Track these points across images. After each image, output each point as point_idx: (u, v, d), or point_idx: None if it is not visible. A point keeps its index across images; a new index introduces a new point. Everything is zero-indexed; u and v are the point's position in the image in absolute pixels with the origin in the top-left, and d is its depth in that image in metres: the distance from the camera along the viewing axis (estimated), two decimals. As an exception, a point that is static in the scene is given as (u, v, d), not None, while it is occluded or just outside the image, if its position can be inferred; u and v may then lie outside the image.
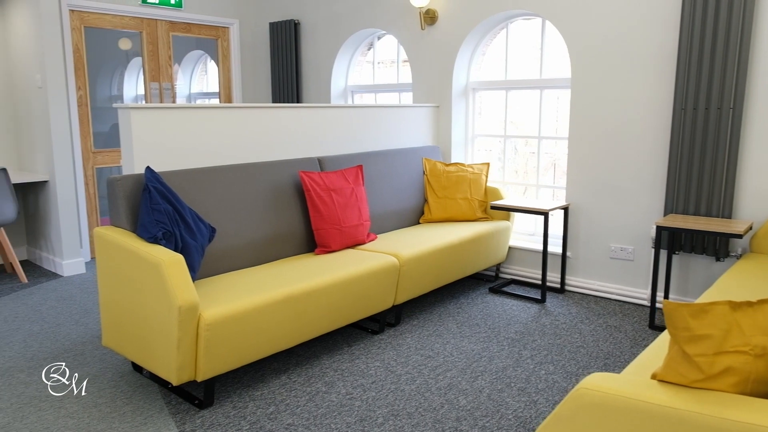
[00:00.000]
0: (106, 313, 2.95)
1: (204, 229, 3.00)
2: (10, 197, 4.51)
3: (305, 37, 5.73)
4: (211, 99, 6.32)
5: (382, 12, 5.09)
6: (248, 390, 2.92)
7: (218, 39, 6.07)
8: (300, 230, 3.63)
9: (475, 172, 4.44)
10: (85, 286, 4.58)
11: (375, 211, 4.12)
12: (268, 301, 2.82)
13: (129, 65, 5.60)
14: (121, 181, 2.87)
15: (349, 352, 3.35)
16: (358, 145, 4.30)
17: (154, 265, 2.57)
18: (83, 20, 5.11)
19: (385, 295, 3.49)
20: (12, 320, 3.85)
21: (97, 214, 5.38)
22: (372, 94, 5.59)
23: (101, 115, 5.41)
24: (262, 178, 3.49)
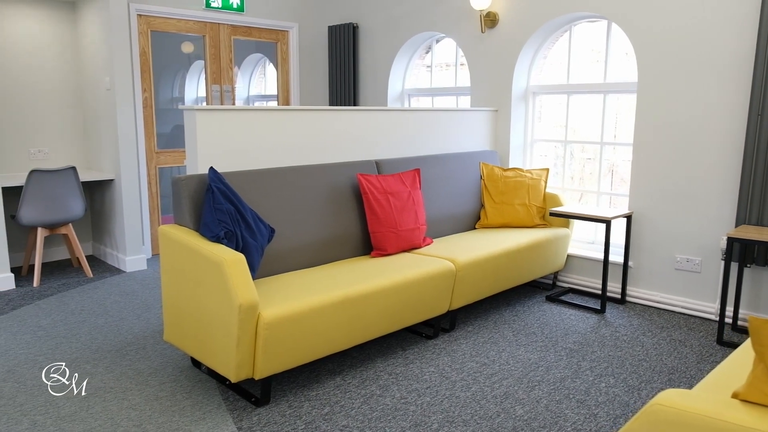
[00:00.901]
0: (169, 309, 3.02)
1: (264, 230, 3.04)
2: (79, 195, 4.69)
3: (363, 41, 5.76)
4: (269, 101, 6.43)
5: (442, 15, 5.06)
6: (303, 390, 2.93)
7: (278, 42, 6.17)
8: (356, 233, 3.64)
9: (534, 177, 4.35)
10: (147, 282, 4.72)
11: (431, 215, 4.09)
12: (325, 303, 2.83)
13: (190, 68, 5.75)
14: (185, 180, 2.94)
15: (403, 356, 3.33)
16: (415, 148, 4.29)
17: (216, 264, 2.62)
18: (150, 24, 5.29)
19: (441, 300, 3.46)
20: (79, 313, 4.00)
21: (159, 212, 5.54)
22: (429, 98, 5.57)
23: (163, 116, 5.57)
24: (320, 180, 3.51)
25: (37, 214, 4.52)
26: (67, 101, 5.35)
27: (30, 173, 4.40)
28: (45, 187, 4.49)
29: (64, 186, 4.58)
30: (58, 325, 3.78)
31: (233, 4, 5.69)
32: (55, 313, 3.98)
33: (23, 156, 5.19)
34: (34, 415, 2.68)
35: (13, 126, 5.11)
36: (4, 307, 4.11)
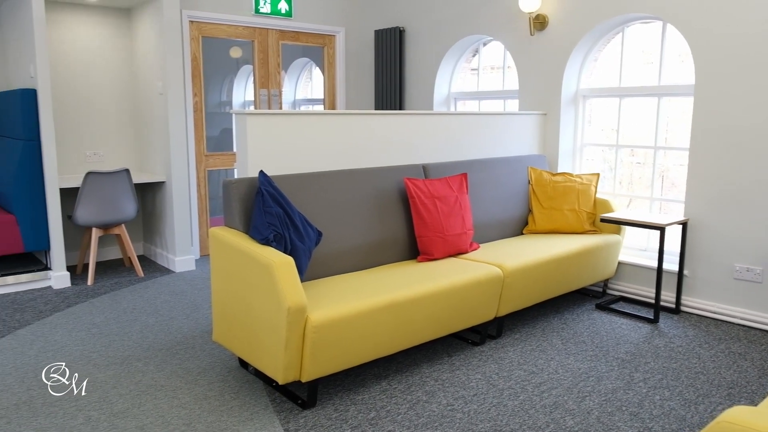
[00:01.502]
0: (218, 310, 3.07)
1: (311, 233, 3.05)
2: (132, 196, 4.81)
3: (410, 44, 5.75)
4: (314, 105, 6.49)
5: (489, 18, 5.01)
6: (349, 394, 2.93)
7: (324, 47, 6.22)
8: (403, 237, 3.62)
9: (584, 182, 4.26)
10: (195, 282, 4.81)
11: (478, 220, 4.04)
12: (373, 307, 2.82)
13: (238, 72, 5.85)
14: (235, 183, 2.97)
15: (449, 362, 3.29)
16: (462, 152, 4.25)
17: (265, 266, 2.64)
18: (201, 30, 5.40)
19: (488, 307, 3.41)
20: (130, 312, 4.10)
21: (207, 214, 5.65)
22: (475, 102, 5.52)
23: (212, 120, 5.68)
24: (367, 183, 3.51)
25: (92, 215, 4.66)
26: (121, 105, 5.51)
27: (86, 175, 4.54)
28: (100, 189, 4.63)
29: (117, 187, 4.71)
30: (110, 323, 3.88)
31: (282, 9, 5.76)
32: (108, 311, 4.09)
33: (80, 158, 5.36)
34: (88, 411, 2.75)
35: (70, 129, 5.29)
36: (60, 304, 4.25)
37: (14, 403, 2.81)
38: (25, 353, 3.39)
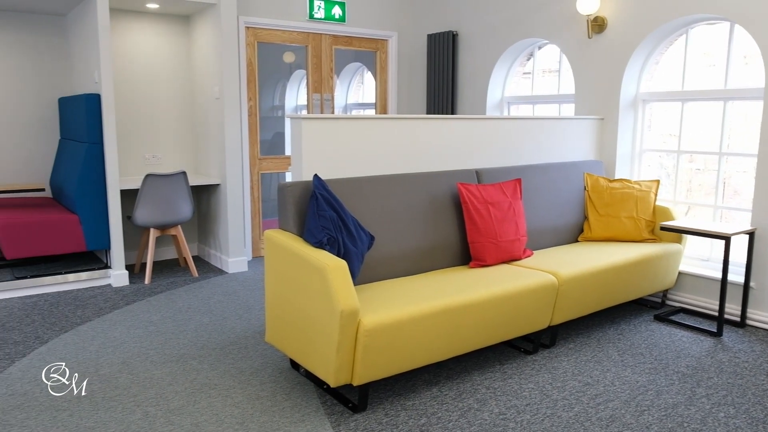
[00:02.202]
0: (271, 312, 3.10)
1: (364, 237, 3.06)
2: (188, 198, 4.94)
3: (463, 48, 5.71)
4: (366, 110, 6.51)
5: (545, 21, 4.93)
6: (400, 399, 2.91)
7: (377, 51, 6.25)
8: (455, 242, 3.59)
9: (643, 189, 4.12)
10: (248, 283, 4.89)
11: (532, 226, 3.97)
12: (425, 312, 2.80)
13: (291, 77, 5.93)
14: (290, 187, 3.01)
15: (501, 370, 3.23)
16: (516, 157, 4.18)
17: (319, 269, 2.65)
18: (257, 36, 5.50)
19: (541, 315, 3.34)
20: (185, 311, 4.19)
21: (260, 216, 5.74)
22: (529, 106, 5.43)
23: (264, 124, 5.78)
24: (419, 188, 3.50)
25: (151, 216, 4.80)
26: (179, 109, 5.67)
27: (145, 177, 4.68)
28: (158, 191, 4.76)
29: (175, 189, 4.83)
30: (167, 321, 3.98)
31: (335, 14, 5.81)
32: (164, 310, 4.20)
33: (139, 160, 5.53)
34: (146, 407, 2.82)
35: (131, 132, 5.47)
36: (119, 301, 4.39)
37: (76, 397, 2.91)
38: (86, 348, 3.51)
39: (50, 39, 5.39)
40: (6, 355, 3.40)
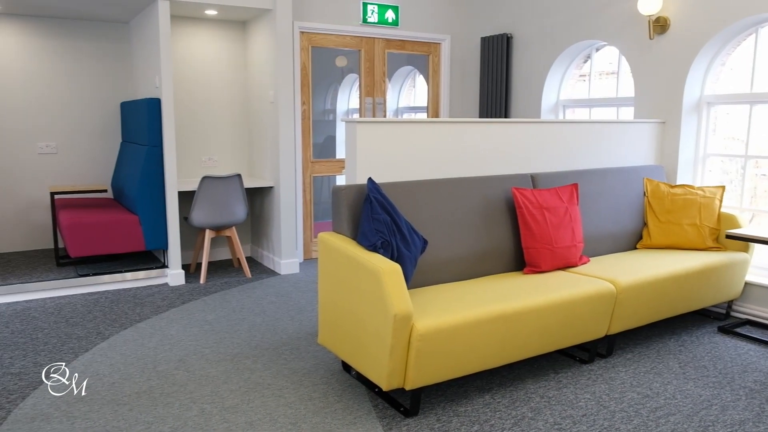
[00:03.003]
0: (324, 313, 3.12)
1: (417, 241, 3.04)
2: (242, 200, 5.03)
3: (517, 51, 5.63)
4: (417, 113, 6.50)
5: (604, 22, 4.81)
6: (452, 405, 2.88)
7: (429, 54, 6.23)
8: (509, 248, 3.53)
9: (707, 195, 3.97)
10: (300, 285, 4.94)
11: (588, 232, 3.87)
12: (479, 318, 2.76)
13: (342, 81, 5.97)
14: (345, 190, 3.02)
15: (555, 379, 3.16)
16: (572, 162, 4.09)
17: (373, 273, 2.65)
18: (311, 41, 5.57)
19: (598, 323, 3.25)
20: (239, 311, 4.27)
21: (311, 219, 5.79)
22: (586, 109, 5.31)
23: (316, 127, 5.84)
24: (473, 192, 3.46)
25: (207, 217, 4.91)
26: (235, 113, 5.79)
27: (202, 179, 4.79)
28: (214, 193, 4.87)
29: (230, 192, 4.93)
30: (221, 320, 4.05)
31: (389, 18, 5.83)
32: (218, 309, 4.28)
33: (195, 163, 5.68)
34: (202, 404, 2.88)
35: (188, 135, 5.62)
36: (176, 300, 4.50)
37: (136, 392, 3.00)
38: (144, 345, 3.61)
39: (113, 45, 5.59)
40: (70, 350, 3.53)
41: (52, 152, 5.50)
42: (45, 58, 5.37)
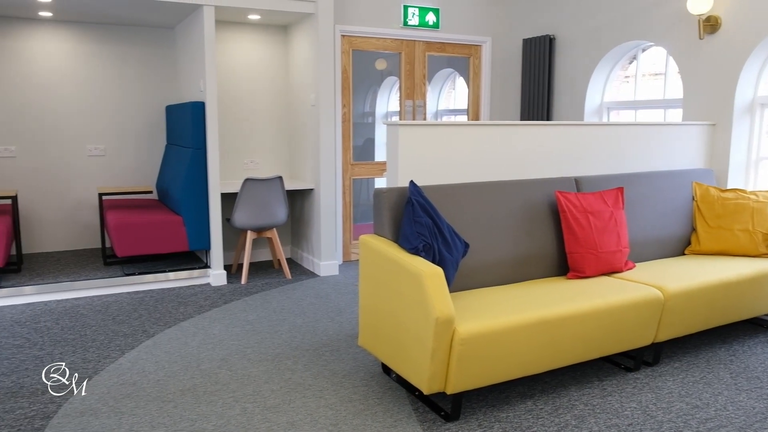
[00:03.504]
0: (365, 316, 3.12)
1: (459, 244, 3.02)
2: (283, 202, 5.08)
3: (560, 53, 5.55)
4: (457, 116, 6.47)
5: (651, 22, 4.70)
6: (493, 410, 2.85)
7: (470, 57, 6.19)
8: (552, 252, 3.47)
9: (760, 200, 3.83)
10: (339, 287, 4.96)
11: (634, 237, 3.78)
12: (522, 323, 2.72)
13: (382, 84, 5.98)
14: (386, 193, 3.02)
15: (600, 386, 3.09)
16: (617, 165, 4.01)
17: (414, 276, 2.64)
18: (352, 44, 5.59)
19: (645, 331, 3.16)
20: (279, 311, 4.31)
21: (351, 221, 5.82)
22: (631, 111, 5.19)
23: (355, 130, 5.86)
24: (515, 196, 3.42)
25: (248, 219, 4.98)
26: (276, 116, 5.86)
27: (244, 181, 4.86)
28: (256, 195, 4.93)
29: (272, 194, 4.99)
30: (262, 321, 4.10)
31: (429, 21, 5.82)
32: (259, 310, 4.33)
33: (238, 165, 5.76)
34: (244, 403, 2.91)
35: (231, 138, 5.71)
36: (218, 300, 4.57)
37: (180, 389, 3.05)
38: (188, 344, 3.67)
39: (159, 50, 5.73)
40: (117, 347, 3.62)
41: (100, 154, 5.65)
42: (94, 64, 5.53)
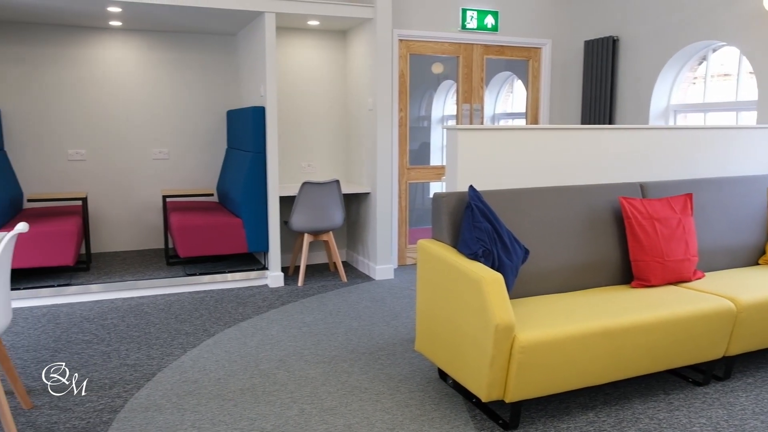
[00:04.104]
0: (422, 320, 3.10)
1: (519, 250, 2.96)
2: (340, 206, 5.12)
3: (624, 54, 5.39)
4: (514, 119, 6.38)
5: (724, 21, 4.51)
6: (553, 420, 2.78)
7: (529, 60, 6.09)
8: (615, 260, 3.37)
9: (842, 208, 3.61)
10: (394, 291, 4.96)
11: (703, 245, 3.62)
12: (584, 332, 2.65)
13: (438, 88, 5.96)
14: (445, 198, 3.00)
15: (666, 400, 2.97)
16: (685, 170, 3.86)
17: (474, 281, 2.61)
18: (409, 48, 5.60)
19: (715, 343, 3.02)
20: (335, 314, 4.34)
21: (406, 225, 5.81)
22: (700, 114, 4.99)
23: (411, 134, 5.85)
24: (578, 201, 3.33)
25: (306, 222, 5.04)
26: (334, 120, 5.92)
27: (302, 185, 4.93)
28: (313, 198, 4.99)
29: (329, 197, 5.04)
30: (318, 323, 4.14)
31: (488, 24, 5.76)
32: (316, 312, 4.38)
33: (295, 169, 5.85)
34: (302, 404, 2.94)
35: (290, 142, 5.80)
36: (275, 301, 4.64)
37: (240, 389, 3.11)
38: (247, 344, 3.74)
39: (221, 57, 5.88)
40: (179, 345, 3.72)
41: (164, 158, 5.85)
42: (160, 70, 5.73)
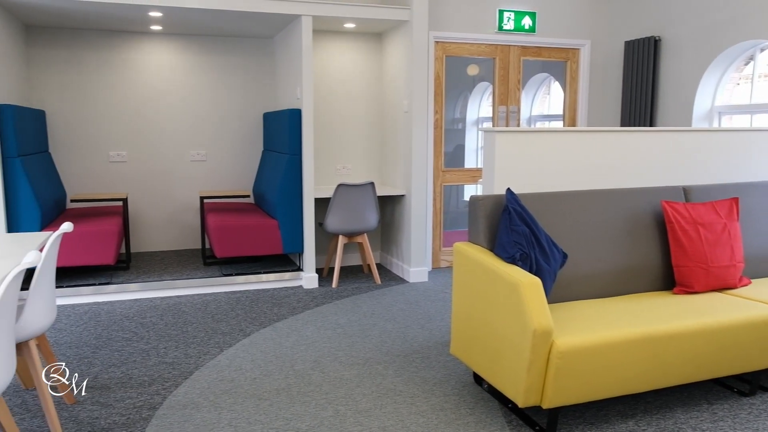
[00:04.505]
0: (458, 324, 3.08)
1: (557, 254, 2.92)
2: (375, 208, 5.13)
3: (666, 55, 5.27)
4: (551, 121, 6.29)
5: (768, 21, 4.37)
6: (591, 428, 2.72)
7: (567, 61, 6.01)
8: (657, 265, 3.29)
9: None
10: (428, 293, 4.94)
11: (750, 251, 3.51)
12: (625, 339, 2.59)
13: (473, 90, 5.91)
14: (482, 200, 2.97)
15: (709, 410, 2.89)
16: (730, 174, 3.75)
17: (512, 285, 2.58)
18: (445, 50, 5.57)
19: (762, 353, 2.92)
20: (370, 316, 4.34)
21: (441, 228, 5.78)
22: (746, 116, 4.85)
23: (446, 136, 5.82)
24: (618, 205, 3.26)
25: (341, 223, 5.06)
26: (369, 123, 5.93)
27: (337, 187, 4.95)
28: (348, 200, 5.01)
29: (363, 199, 5.05)
30: (353, 324, 4.14)
31: (525, 25, 5.70)
32: (350, 314, 4.38)
33: (331, 171, 5.88)
34: (336, 405, 2.95)
35: (325, 144, 5.83)
36: (310, 302, 4.67)
37: (275, 389, 3.13)
38: (282, 344, 3.77)
39: (258, 60, 5.95)
40: (216, 344, 3.77)
41: (202, 159, 5.94)
42: (198, 73, 5.83)
